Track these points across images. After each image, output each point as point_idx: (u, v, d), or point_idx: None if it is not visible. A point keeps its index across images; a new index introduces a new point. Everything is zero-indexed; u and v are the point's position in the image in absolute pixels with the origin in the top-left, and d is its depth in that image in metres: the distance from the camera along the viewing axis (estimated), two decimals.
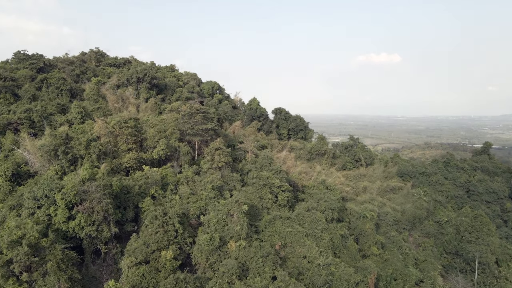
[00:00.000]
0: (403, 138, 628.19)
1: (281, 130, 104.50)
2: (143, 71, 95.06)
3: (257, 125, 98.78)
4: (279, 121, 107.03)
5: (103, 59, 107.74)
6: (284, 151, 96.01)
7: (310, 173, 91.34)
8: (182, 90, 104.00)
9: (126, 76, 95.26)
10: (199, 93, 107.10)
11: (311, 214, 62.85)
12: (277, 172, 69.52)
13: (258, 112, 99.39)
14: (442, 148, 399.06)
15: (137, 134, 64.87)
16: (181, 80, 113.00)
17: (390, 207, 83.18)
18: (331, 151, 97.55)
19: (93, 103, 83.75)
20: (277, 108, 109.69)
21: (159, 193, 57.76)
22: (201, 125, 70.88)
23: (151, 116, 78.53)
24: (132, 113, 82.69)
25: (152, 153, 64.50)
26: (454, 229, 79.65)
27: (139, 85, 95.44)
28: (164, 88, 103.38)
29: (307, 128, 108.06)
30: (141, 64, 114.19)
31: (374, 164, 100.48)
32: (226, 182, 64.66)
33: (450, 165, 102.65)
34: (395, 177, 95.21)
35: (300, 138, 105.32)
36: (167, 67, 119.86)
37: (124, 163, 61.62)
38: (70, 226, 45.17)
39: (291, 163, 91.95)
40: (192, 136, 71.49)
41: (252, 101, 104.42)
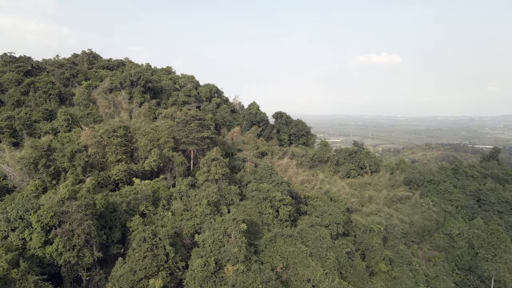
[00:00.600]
0: (403, 138, 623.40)
1: (282, 136, 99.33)
2: (137, 74, 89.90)
3: (256, 131, 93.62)
4: (279, 125, 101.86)
5: (96, 61, 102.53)
6: (285, 158, 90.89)
7: (312, 181, 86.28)
8: (178, 94, 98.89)
9: (119, 79, 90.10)
10: (196, 97, 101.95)
11: (315, 231, 57.77)
12: (278, 184, 64.44)
13: (258, 117, 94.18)
14: (443, 149, 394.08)
15: (127, 144, 59.72)
16: (178, 83, 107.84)
17: (398, 219, 78.12)
18: (334, 158, 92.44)
19: (83, 108, 78.65)
20: (277, 112, 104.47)
21: (150, 209, 52.69)
22: (197, 133, 65.74)
23: (144, 122, 73.39)
24: (124, 119, 77.63)
25: (143, 164, 59.38)
26: (466, 243, 74.55)
27: (132, 88, 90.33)
28: (159, 92, 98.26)
29: (309, 133, 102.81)
30: (136, 66, 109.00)
31: (379, 172, 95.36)
32: (223, 195, 59.58)
33: (459, 172, 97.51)
34: (402, 186, 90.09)
35: (302, 144, 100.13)
36: (163, 69, 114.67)
37: (112, 176, 56.51)
38: (47, 251, 40.05)
39: (292, 171, 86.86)
40: (187, 145, 66.38)
41: (252, 106, 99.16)
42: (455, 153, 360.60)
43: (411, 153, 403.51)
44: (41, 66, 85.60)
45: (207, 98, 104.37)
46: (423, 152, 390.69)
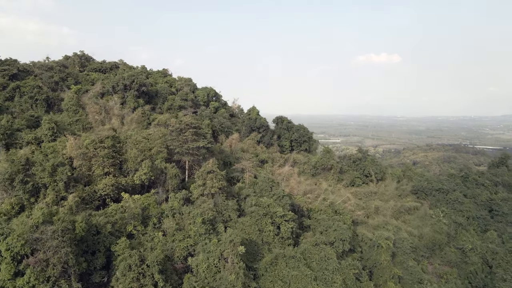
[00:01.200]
0: (404, 139, 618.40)
1: (283, 142, 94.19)
2: (130, 78, 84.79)
3: (256, 137, 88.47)
4: (280, 131, 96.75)
5: (88, 64, 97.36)
6: (287, 166, 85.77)
7: (315, 191, 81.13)
8: (174, 98, 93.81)
9: (111, 83, 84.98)
10: (193, 101, 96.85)
11: (320, 250, 52.70)
12: (280, 198, 59.38)
13: (258, 122, 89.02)
14: (444, 150, 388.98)
15: (115, 156, 54.62)
16: (174, 86, 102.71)
17: (406, 232, 73.00)
18: (338, 165, 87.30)
19: (72, 114, 73.59)
20: (278, 117, 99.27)
21: (139, 229, 47.65)
22: (192, 142, 60.62)
23: (136, 130, 68.29)
24: (116, 126, 72.50)
25: (133, 178, 54.29)
26: (480, 258, 69.56)
27: (126, 93, 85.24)
28: (154, 96, 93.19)
29: (311, 139, 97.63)
30: (130, 69, 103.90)
31: (385, 180, 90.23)
32: (219, 211, 54.51)
33: (468, 180, 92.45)
34: (409, 195, 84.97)
35: (303, 150, 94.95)
36: (159, 72, 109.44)
37: (99, 191, 51.46)
38: (17, 285, 35.04)
39: (294, 181, 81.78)
40: (182, 155, 61.29)
41: (251, 111, 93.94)
42: (456, 154, 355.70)
43: (412, 154, 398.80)
44: (28, 69, 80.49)
45: (205, 102, 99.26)
46: (424, 153, 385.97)
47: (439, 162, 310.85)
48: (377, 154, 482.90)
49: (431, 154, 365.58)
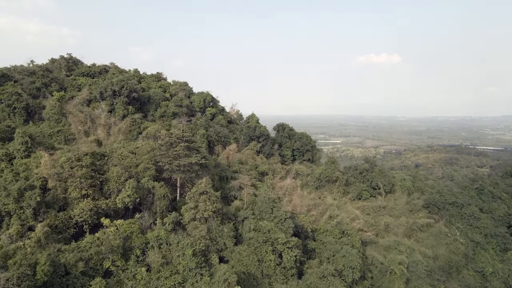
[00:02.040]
0: (404, 139, 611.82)
1: (285, 151, 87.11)
2: (119, 83, 77.74)
3: (256, 147, 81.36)
4: (281, 139, 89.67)
5: (76, 68, 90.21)
6: (288, 178, 78.80)
7: (320, 206, 74.17)
8: (168, 104, 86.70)
9: (99, 89, 77.94)
10: (188, 107, 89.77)
11: (328, 284, 45.73)
12: (282, 221, 52.40)
13: (257, 131, 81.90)
14: (445, 151, 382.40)
15: (95, 175, 47.64)
16: (168, 91, 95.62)
17: (420, 252, 66.10)
18: (343, 177, 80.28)
19: (54, 124, 66.66)
20: (279, 124, 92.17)
21: (119, 264, 40.70)
22: (184, 158, 53.61)
23: (122, 142, 61.28)
24: (101, 137, 65.60)
25: (115, 200, 47.34)
26: (502, 283, 62.67)
27: (115, 99, 78.20)
28: (147, 102, 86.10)
29: (315, 148, 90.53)
30: (122, 73, 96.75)
31: (394, 192, 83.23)
32: (213, 239, 47.61)
33: (484, 193, 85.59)
34: (421, 210, 77.92)
35: (306, 160, 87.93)
36: (153, 76, 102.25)
37: (75, 217, 44.50)
38: None
39: (296, 195, 74.87)
40: (172, 173, 54.26)
41: (250, 118, 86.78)
42: (458, 155, 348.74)
43: (413, 155, 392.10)
44: (7, 74, 73.39)
45: (201, 108, 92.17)
46: (425, 154, 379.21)
47: (442, 165, 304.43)
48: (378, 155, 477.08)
49: (432, 155, 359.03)
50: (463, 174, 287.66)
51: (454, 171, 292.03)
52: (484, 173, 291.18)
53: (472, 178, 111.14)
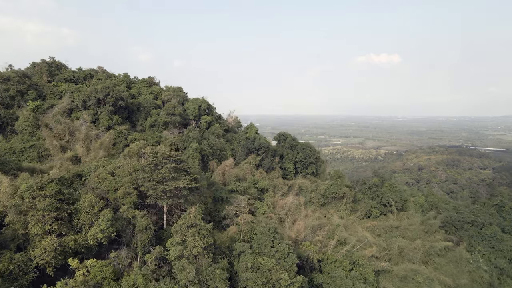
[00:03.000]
0: (405, 140, 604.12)
1: (286, 164, 78.97)
2: (104, 90, 69.69)
3: (255, 160, 73.22)
4: (283, 150, 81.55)
5: (59, 73, 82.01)
6: (291, 195, 70.75)
7: (325, 226, 66.18)
8: (159, 112, 78.69)
9: (82, 97, 69.88)
10: (181, 115, 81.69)
11: None
12: (285, 256, 44.32)
13: (257, 143, 73.69)
14: (447, 153, 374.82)
15: (62, 207, 39.55)
16: (160, 97, 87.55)
17: (440, 282, 58.00)
18: (351, 193, 72.25)
19: (28, 138, 58.64)
20: (280, 134, 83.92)
21: None
22: (171, 182, 45.54)
23: (103, 160, 53.14)
24: (80, 153, 57.45)
25: (86, 235, 39.29)
26: None
27: (99, 108, 70.13)
28: (136, 110, 78.11)
29: (319, 160, 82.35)
30: (110, 77, 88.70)
31: (407, 209, 75.15)
32: (203, 282, 39.50)
33: (504, 210, 77.59)
34: (438, 231, 69.76)
35: (310, 174, 79.82)
36: (144, 81, 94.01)
37: (35, 258, 36.44)
38: None
39: (299, 215, 66.93)
40: (157, 199, 46.18)
41: (249, 129, 78.48)
42: (460, 157, 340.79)
43: (415, 157, 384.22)
44: None
45: (195, 117, 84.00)
46: (427, 156, 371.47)
47: (445, 168, 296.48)
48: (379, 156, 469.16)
49: (434, 157, 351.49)
50: (467, 177, 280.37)
51: (458, 174, 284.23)
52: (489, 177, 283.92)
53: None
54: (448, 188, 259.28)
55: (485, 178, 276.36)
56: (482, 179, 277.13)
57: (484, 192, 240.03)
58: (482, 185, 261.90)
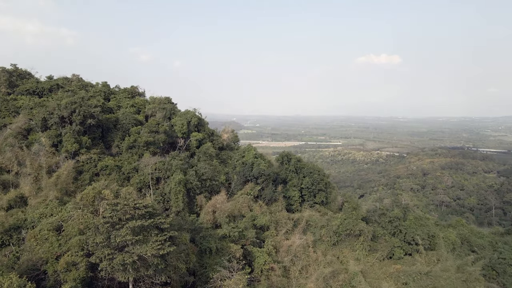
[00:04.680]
0: (405, 141, 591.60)
1: (291, 192, 65.22)
2: (69, 106, 56.09)
3: (253, 191, 59.45)
4: (286, 173, 67.92)
5: (21, 83, 68.35)
6: (297, 233, 57.24)
7: (339, 273, 52.71)
8: (141, 129, 65.11)
9: (42, 114, 56.29)
10: (167, 133, 68.19)
11: None
12: None
13: (256, 170, 59.77)
14: (450, 156, 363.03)
15: None
16: (144, 111, 73.93)
17: None
18: (369, 229, 58.74)
19: None
20: (284, 154, 70.05)
21: None
22: (135, 246, 31.99)
23: (51, 205, 39.60)
24: (26, 193, 43.78)
25: None
26: None
27: (63, 128, 56.55)
28: (112, 128, 64.53)
29: (329, 185, 68.48)
30: (86, 86, 75.12)
31: (437, 248, 61.60)
32: None
33: None
34: (479, 280, 56.15)
35: (319, 204, 66.20)
36: (126, 91, 79.95)
37: None
38: None
39: (308, 259, 53.49)
40: (115, 272, 32.58)
41: (246, 151, 64.43)
42: (464, 160, 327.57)
43: (418, 159, 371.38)
44: None
45: (184, 134, 70.30)
46: (430, 159, 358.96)
47: (451, 173, 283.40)
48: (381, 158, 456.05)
49: (437, 160, 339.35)
50: (474, 183, 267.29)
51: (465, 180, 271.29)
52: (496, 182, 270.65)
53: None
54: (455, 194, 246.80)
55: (493, 184, 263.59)
56: (489, 185, 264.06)
57: (493, 199, 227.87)
58: (490, 191, 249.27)
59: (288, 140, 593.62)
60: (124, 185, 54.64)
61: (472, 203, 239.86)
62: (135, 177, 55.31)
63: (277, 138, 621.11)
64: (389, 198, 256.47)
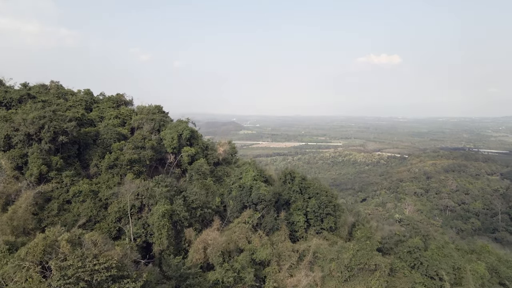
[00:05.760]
0: (406, 141, 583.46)
1: (295, 216, 56.24)
2: (37, 121, 47.38)
3: (252, 219, 50.65)
4: (290, 194, 59.15)
5: None
6: (303, 269, 48.55)
7: None
8: (124, 145, 56.34)
9: (5, 131, 47.57)
10: (155, 148, 59.51)
11: None
12: None
13: (255, 195, 50.61)
14: (453, 157, 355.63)
15: None
16: (129, 122, 65.18)
17: None
18: (386, 263, 50.20)
19: None
20: (286, 172, 60.94)
21: None
22: None
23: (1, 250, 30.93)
24: None
25: None
26: None
27: (30, 147, 47.83)
28: (91, 144, 55.80)
29: (338, 208, 59.43)
30: (66, 94, 66.36)
31: (464, 284, 52.98)
32: None
33: None
34: None
35: (327, 230, 57.41)
36: (110, 99, 70.86)
37: None
38: None
39: None
40: None
41: (244, 173, 55.18)
42: (467, 162, 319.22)
43: (419, 161, 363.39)
44: None
45: (174, 149, 61.59)
46: (432, 161, 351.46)
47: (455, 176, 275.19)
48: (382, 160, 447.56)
49: (440, 162, 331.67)
50: (479, 187, 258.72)
51: (469, 184, 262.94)
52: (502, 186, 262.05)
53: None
54: (460, 198, 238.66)
55: (498, 188, 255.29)
56: (495, 189, 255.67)
57: (499, 204, 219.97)
58: (495, 196, 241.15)
59: (288, 141, 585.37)
60: (100, 215, 46.00)
61: (478, 208, 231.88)
62: (113, 204, 46.66)
63: (277, 138, 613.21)
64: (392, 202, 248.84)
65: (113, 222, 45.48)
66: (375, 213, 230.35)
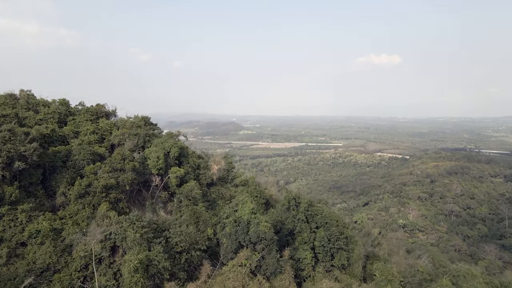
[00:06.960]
0: (407, 142, 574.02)
1: (301, 252, 46.77)
2: None
3: (250, 261, 41.38)
4: (294, 223, 49.93)
5: None
6: None
7: None
8: (99, 168, 47.02)
9: None
10: (137, 170, 50.21)
11: None
12: None
13: (253, 233, 40.80)
14: (455, 159, 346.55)
15: None
16: (109, 139, 55.81)
17: None
18: None
19: None
20: (290, 197, 51.42)
21: None
22: None
23: None
24: None
25: None
26: None
27: None
28: (61, 167, 46.51)
29: (351, 240, 49.83)
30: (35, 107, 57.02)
31: None
32: None
33: None
34: None
35: (338, 267, 48.09)
36: (89, 111, 61.19)
37: None
38: None
39: None
40: None
41: (240, 204, 45.48)
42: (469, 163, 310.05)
43: (421, 163, 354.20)
44: None
45: (160, 170, 52.37)
46: (434, 162, 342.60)
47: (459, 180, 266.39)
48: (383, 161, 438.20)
49: (442, 163, 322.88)
50: (484, 191, 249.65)
51: (474, 188, 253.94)
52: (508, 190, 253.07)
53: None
54: (465, 203, 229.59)
55: (504, 192, 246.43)
56: (501, 194, 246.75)
57: (505, 209, 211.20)
58: (502, 201, 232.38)
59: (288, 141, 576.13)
60: (61, 262, 36.74)
61: (484, 213, 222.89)
62: (79, 246, 37.40)
63: (277, 139, 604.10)
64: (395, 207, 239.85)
65: (77, 270, 36.25)
66: (378, 218, 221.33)
